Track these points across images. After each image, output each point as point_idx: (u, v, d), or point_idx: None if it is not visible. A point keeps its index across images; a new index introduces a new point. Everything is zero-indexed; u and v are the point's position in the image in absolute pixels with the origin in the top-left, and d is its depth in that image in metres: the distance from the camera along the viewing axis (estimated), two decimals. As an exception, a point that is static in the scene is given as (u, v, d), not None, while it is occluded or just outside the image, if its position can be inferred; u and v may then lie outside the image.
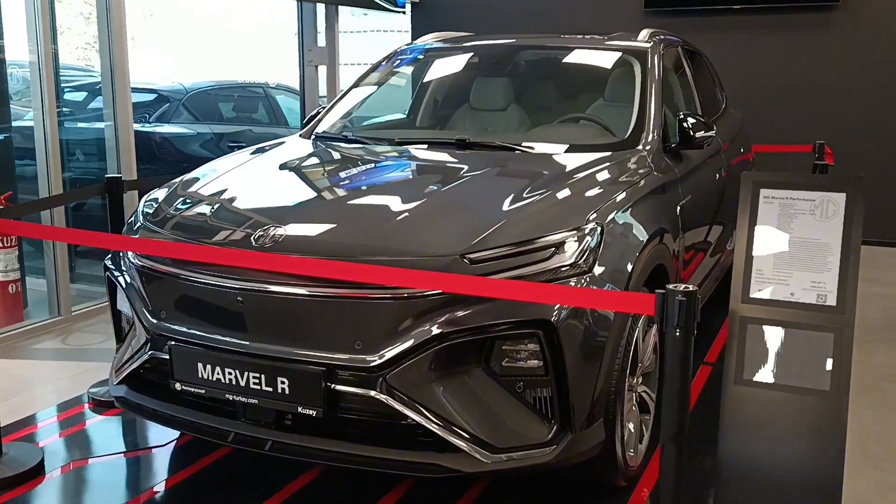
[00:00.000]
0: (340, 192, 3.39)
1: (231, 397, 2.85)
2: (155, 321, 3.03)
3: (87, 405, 4.08)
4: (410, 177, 3.60)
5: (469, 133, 4.04)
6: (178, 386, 2.94)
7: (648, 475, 3.39)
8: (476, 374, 2.72)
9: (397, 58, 4.80)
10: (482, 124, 4.26)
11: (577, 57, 4.53)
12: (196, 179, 3.58)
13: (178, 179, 3.64)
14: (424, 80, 4.75)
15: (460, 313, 2.67)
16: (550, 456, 2.73)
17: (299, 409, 2.74)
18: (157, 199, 3.43)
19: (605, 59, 4.42)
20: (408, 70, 4.81)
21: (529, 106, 4.34)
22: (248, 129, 7.77)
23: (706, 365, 4.68)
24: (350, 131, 4.24)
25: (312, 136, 4.28)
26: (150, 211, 3.33)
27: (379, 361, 2.67)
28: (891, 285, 6.35)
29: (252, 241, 2.89)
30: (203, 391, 2.89)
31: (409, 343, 2.65)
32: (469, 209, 3.03)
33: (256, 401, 2.81)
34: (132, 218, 3.44)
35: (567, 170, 3.38)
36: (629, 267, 3.00)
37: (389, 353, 2.66)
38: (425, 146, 3.93)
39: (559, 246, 2.80)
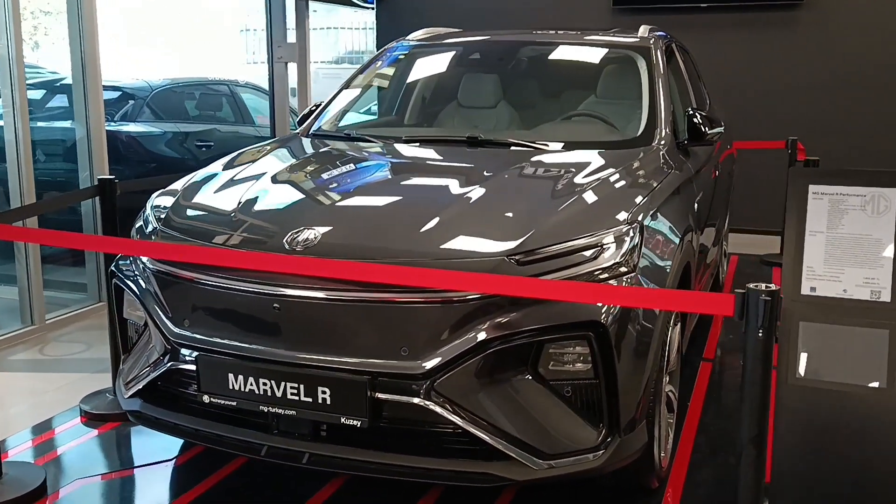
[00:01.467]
0: (368, 193, 3.26)
1: (265, 409, 2.71)
2: (177, 330, 2.87)
3: (79, 419, 3.88)
4: (438, 176, 3.49)
5: (473, 131, 3.95)
6: (206, 398, 2.79)
7: (675, 475, 3.36)
8: (523, 378, 2.65)
9: (389, 54, 4.68)
10: (485, 122, 4.18)
11: (579, 53, 4.48)
12: (207, 181, 3.42)
13: (184, 181, 3.48)
14: (422, 77, 4.64)
15: (510, 316, 2.59)
16: (599, 461, 2.67)
17: (342, 420, 2.62)
18: (169, 202, 3.26)
19: (607, 55, 4.38)
20: (402, 67, 4.69)
21: (532, 103, 4.28)
22: (215, 127, 7.54)
23: (706, 361, 4.68)
24: (351, 130, 4.12)
25: (311, 135, 4.15)
26: (164, 215, 3.17)
27: (427, 368, 2.57)
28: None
29: (284, 244, 2.76)
30: (234, 403, 2.75)
31: (458, 348, 2.56)
32: (507, 209, 2.94)
33: (294, 412, 2.68)
34: (141, 222, 3.26)
35: (593, 167, 3.32)
36: (668, 266, 2.96)
37: (437, 359, 2.57)
38: (437, 145, 3.84)
39: (604, 245, 2.74)
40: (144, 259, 2.99)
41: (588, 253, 2.71)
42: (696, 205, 3.68)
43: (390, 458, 2.65)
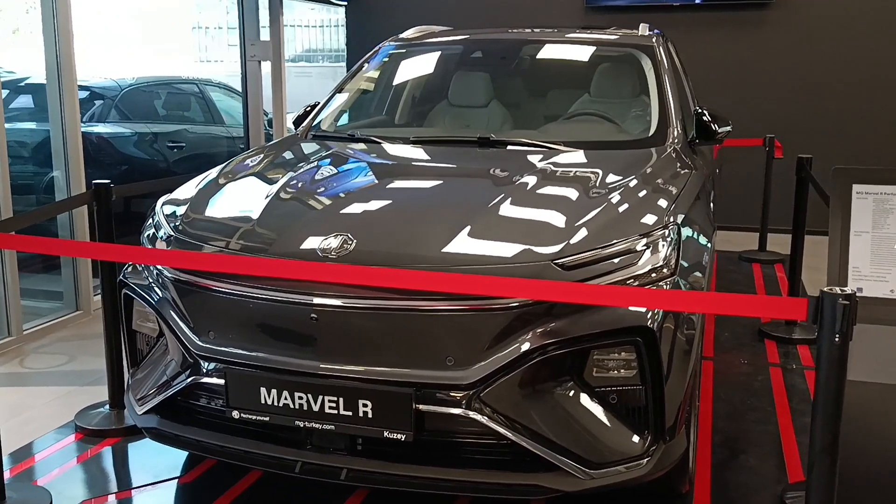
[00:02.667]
0: (395, 198, 3.15)
1: (301, 424, 2.59)
2: (200, 342, 2.73)
3: (73, 436, 3.70)
4: (462, 179, 3.39)
5: (481, 131, 3.86)
6: (235, 414, 2.66)
7: (700, 478, 3.33)
8: (569, 386, 2.58)
9: (384, 53, 4.57)
10: (490, 122, 4.10)
11: (582, 52, 4.43)
12: (219, 186, 3.28)
13: (192, 186, 3.32)
14: (422, 76, 4.54)
15: (557, 323, 2.51)
16: (645, 469, 2.61)
17: (385, 434, 2.52)
18: (181, 209, 3.10)
19: (610, 54, 4.34)
20: (398, 65, 4.58)
21: (537, 102, 4.21)
22: (185, 128, 7.33)
23: (706, 360, 4.67)
24: (355, 131, 3.99)
25: (312, 137, 4.02)
26: (178, 222, 3.01)
27: (474, 378, 2.48)
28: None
29: (317, 252, 2.64)
30: (267, 418, 2.62)
31: (506, 357, 2.48)
32: (541, 213, 2.86)
33: (333, 426, 2.56)
34: (151, 229, 3.10)
35: (618, 169, 3.26)
36: (703, 267, 2.92)
37: (484, 368, 2.48)
38: (449, 146, 3.74)
39: (647, 248, 2.68)
40: (162, 268, 2.84)
41: (631, 256, 2.65)
42: (711, 204, 3.65)
43: (435, 473, 2.55)
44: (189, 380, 2.76)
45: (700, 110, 3.93)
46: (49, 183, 6.38)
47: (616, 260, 2.62)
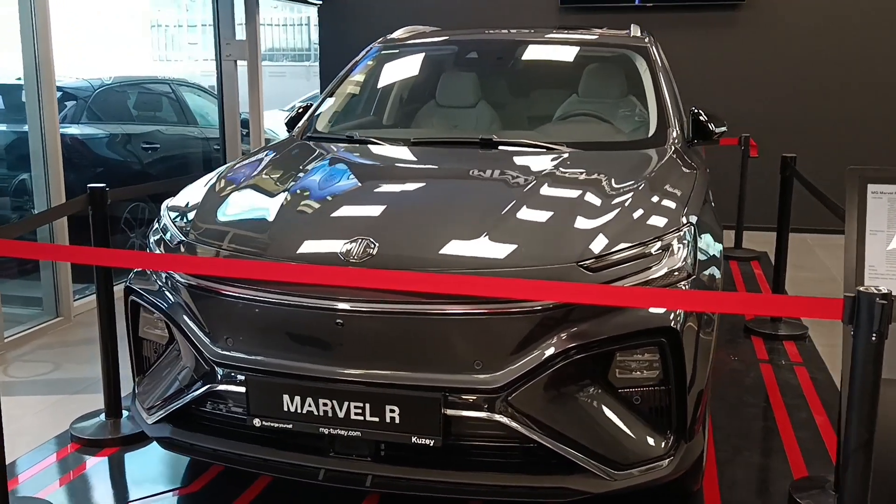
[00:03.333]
0: (412, 200, 3.13)
1: (326, 431, 2.55)
2: (217, 349, 2.68)
3: (70, 446, 3.61)
4: (476, 181, 3.37)
5: (482, 132, 3.85)
6: (256, 422, 2.61)
7: (708, 476, 3.35)
8: (594, 388, 2.58)
9: (375, 53, 4.53)
10: (485, 122, 4.09)
11: (577, 53, 4.44)
12: (227, 188, 3.22)
13: (198, 190, 3.26)
14: (416, 76, 4.51)
15: (584, 325, 2.52)
16: (669, 469, 2.63)
17: (413, 440, 2.49)
18: (191, 213, 3.04)
19: (604, 55, 4.36)
20: (390, 66, 4.55)
21: (533, 103, 4.22)
22: (158, 129, 7.19)
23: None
24: (353, 132, 3.95)
25: (309, 139, 3.97)
26: (189, 225, 2.95)
27: (502, 382, 2.47)
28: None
29: (339, 256, 2.61)
30: (291, 426, 2.58)
31: (535, 360, 2.47)
32: (560, 214, 2.86)
33: (359, 433, 2.53)
34: (159, 234, 3.04)
35: (627, 170, 3.28)
36: (719, 268, 2.95)
37: (513, 371, 2.47)
38: (453, 147, 3.73)
39: (668, 248, 2.70)
40: (176, 274, 2.78)
41: (651, 258, 2.66)
42: (713, 202, 3.69)
43: (462, 477, 2.54)
44: (205, 388, 2.71)
45: (696, 110, 3.96)
46: (20, 185, 6.23)
47: (638, 261, 2.64)
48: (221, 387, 2.68)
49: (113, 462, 3.49)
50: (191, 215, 3.02)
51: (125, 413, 3.75)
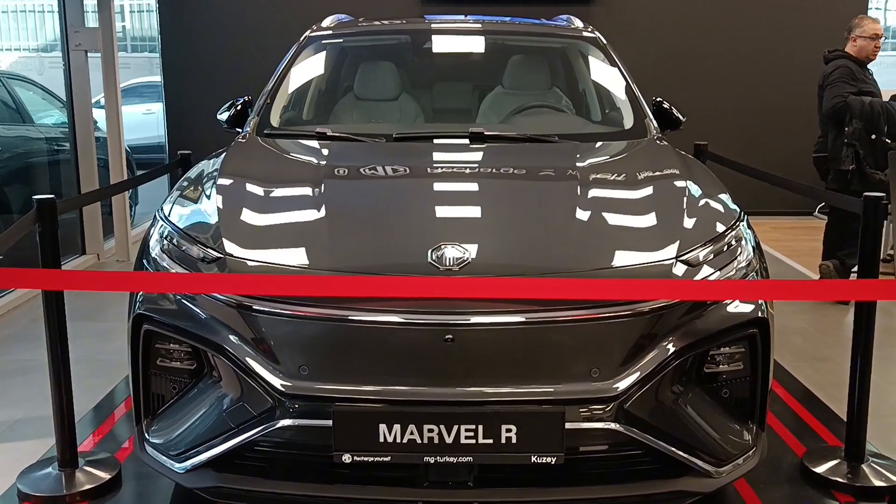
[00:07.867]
0: (472, 202, 2.91)
1: (432, 460, 2.29)
2: (288, 381, 2.33)
3: (18, 504, 3.03)
4: (525, 179, 3.18)
5: (453, 125, 3.66)
6: (346, 458, 2.30)
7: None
8: (692, 386, 2.53)
9: (310, 45, 4.19)
10: (448, 115, 3.93)
11: (528, 42, 4.35)
12: (234, 193, 2.84)
13: (201, 195, 2.84)
14: (355, 69, 4.20)
15: (689, 323, 2.45)
16: (756, 459, 2.63)
17: (533, 459, 2.30)
18: (208, 228, 2.64)
19: (554, 46, 4.31)
20: (334, 57, 4.23)
21: (488, 95, 4.05)
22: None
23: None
24: (326, 128, 3.60)
25: (270, 135, 3.59)
26: (214, 242, 2.56)
27: (620, 389, 2.34)
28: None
29: (433, 265, 2.36)
30: (388, 458, 2.30)
31: (651, 364, 2.38)
32: (637, 209, 2.78)
33: (470, 458, 2.30)
34: (167, 245, 2.62)
35: (651, 162, 3.26)
36: (759, 255, 2.98)
37: (629, 377, 2.36)
38: (446, 139, 3.52)
39: (738, 239, 2.68)
40: (220, 296, 2.39)
41: (734, 248, 2.65)
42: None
43: (578, 493, 2.38)
44: (271, 426, 2.35)
45: (659, 99, 4.00)
46: None
47: (723, 254, 2.61)
48: (295, 421, 2.34)
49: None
50: (213, 230, 2.61)
51: (81, 462, 3.21)
